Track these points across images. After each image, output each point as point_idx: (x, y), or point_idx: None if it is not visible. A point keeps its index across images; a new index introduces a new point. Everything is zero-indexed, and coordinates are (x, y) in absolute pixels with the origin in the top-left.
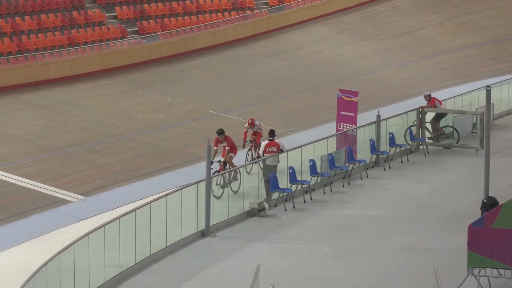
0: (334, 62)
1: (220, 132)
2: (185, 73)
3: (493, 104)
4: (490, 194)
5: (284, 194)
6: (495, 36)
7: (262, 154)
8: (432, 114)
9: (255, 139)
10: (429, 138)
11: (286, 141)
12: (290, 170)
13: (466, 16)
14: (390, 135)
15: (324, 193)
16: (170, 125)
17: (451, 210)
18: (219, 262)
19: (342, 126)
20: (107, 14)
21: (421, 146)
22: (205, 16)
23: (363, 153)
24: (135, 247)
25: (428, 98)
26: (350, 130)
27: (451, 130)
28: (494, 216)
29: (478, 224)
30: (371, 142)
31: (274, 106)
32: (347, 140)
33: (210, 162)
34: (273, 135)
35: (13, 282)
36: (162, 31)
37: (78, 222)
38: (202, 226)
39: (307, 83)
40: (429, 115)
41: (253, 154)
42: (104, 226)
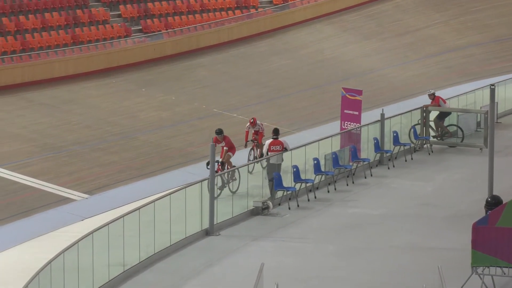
0: (338, 61)
1: (219, 132)
2: (189, 71)
3: (497, 102)
4: (494, 193)
5: (288, 192)
6: (499, 34)
7: (266, 153)
8: (435, 113)
9: (257, 139)
10: (433, 137)
11: (290, 139)
12: (294, 169)
13: (470, 15)
14: (394, 134)
15: (328, 191)
16: (174, 123)
17: (455, 208)
18: (223, 260)
19: (346, 124)
20: (111, 13)
21: (425, 145)
22: (209, 14)
23: (367, 151)
24: (139, 246)
25: (432, 96)
26: (354, 129)
27: (456, 128)
28: (498, 214)
29: (482, 222)
30: (375, 141)
31: (278, 104)
32: (351, 138)
33: (214, 161)
34: (277, 134)
35: (17, 280)
36: (166, 30)
37: (82, 220)
38: (206, 225)
39: (311, 82)
40: (432, 114)
41: (255, 153)
42: (108, 224)
